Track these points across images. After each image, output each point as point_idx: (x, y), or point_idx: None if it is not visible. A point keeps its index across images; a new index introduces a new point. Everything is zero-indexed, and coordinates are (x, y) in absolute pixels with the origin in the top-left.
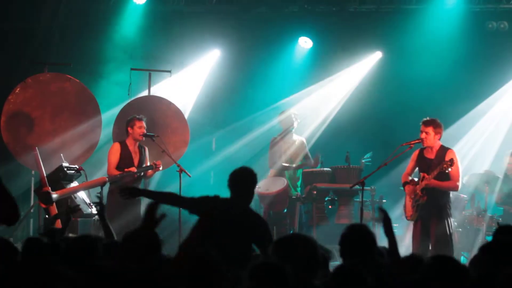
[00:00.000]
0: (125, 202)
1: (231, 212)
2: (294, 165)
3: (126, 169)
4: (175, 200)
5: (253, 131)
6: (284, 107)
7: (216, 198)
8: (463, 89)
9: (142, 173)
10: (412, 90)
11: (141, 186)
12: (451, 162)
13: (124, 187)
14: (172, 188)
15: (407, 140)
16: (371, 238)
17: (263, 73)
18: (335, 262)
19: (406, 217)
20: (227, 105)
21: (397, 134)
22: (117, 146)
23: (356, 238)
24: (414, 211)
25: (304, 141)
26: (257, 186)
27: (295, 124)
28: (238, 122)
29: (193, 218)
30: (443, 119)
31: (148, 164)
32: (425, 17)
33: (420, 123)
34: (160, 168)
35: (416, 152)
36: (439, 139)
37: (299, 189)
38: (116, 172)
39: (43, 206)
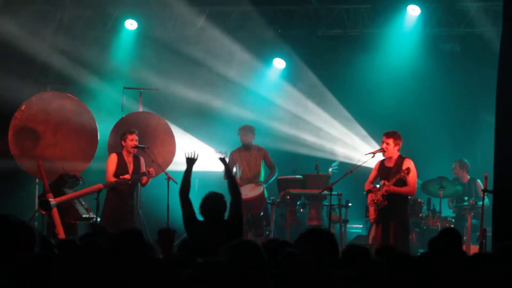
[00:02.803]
0: (121, 208)
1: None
2: (263, 182)
3: (121, 177)
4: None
5: (232, 143)
6: (256, 122)
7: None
8: (422, 104)
9: (135, 180)
10: (375, 107)
11: (135, 192)
12: (408, 170)
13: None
14: (160, 193)
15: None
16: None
17: (240, 91)
18: None
19: (370, 220)
20: (209, 120)
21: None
22: (114, 157)
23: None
24: (376, 214)
25: (264, 148)
26: None
27: (252, 139)
28: (220, 135)
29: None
30: (404, 131)
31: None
32: (386, 40)
33: (382, 135)
34: (153, 175)
35: (378, 163)
36: (398, 150)
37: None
38: (114, 179)
39: (43, 212)
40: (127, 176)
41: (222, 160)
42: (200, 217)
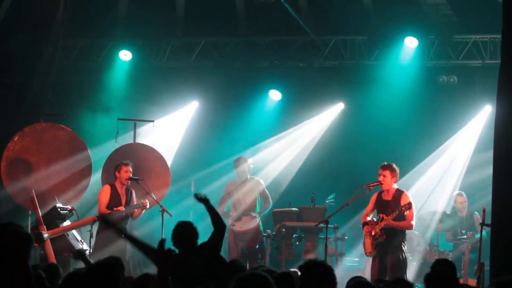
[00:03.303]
0: (113, 238)
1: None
2: (257, 214)
3: (115, 208)
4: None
5: (229, 174)
6: (252, 153)
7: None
8: (418, 138)
9: (129, 213)
10: (372, 137)
11: (127, 224)
12: (409, 205)
13: (113, 223)
14: (155, 225)
15: (367, 183)
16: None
17: (237, 122)
18: None
19: (366, 253)
20: (206, 151)
21: (358, 177)
22: (107, 188)
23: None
24: (373, 248)
25: (260, 181)
26: (231, 224)
27: (248, 170)
28: (215, 166)
29: None
30: (401, 164)
31: (135, 203)
32: (382, 72)
33: (379, 167)
34: (147, 207)
35: (374, 195)
36: (395, 182)
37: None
38: (107, 211)
39: (36, 245)
40: (121, 208)
41: (203, 199)
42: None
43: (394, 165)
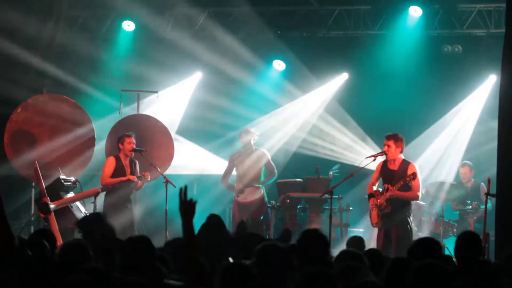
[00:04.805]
0: (120, 210)
1: None
2: (260, 184)
3: (128, 177)
4: None
5: (233, 145)
6: (257, 124)
7: None
8: (423, 107)
9: (132, 184)
10: (377, 108)
11: (132, 195)
12: (414, 175)
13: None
14: (159, 197)
15: (372, 153)
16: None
17: (241, 93)
18: None
19: (372, 224)
20: (209, 122)
21: None
22: (112, 160)
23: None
24: (379, 219)
25: (265, 152)
26: (235, 196)
27: (253, 142)
28: (219, 137)
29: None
30: (405, 133)
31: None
32: (387, 41)
33: (384, 137)
34: (148, 179)
35: (380, 164)
36: (401, 152)
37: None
38: (111, 180)
39: (42, 215)
40: (133, 177)
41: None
42: None
43: (399, 135)
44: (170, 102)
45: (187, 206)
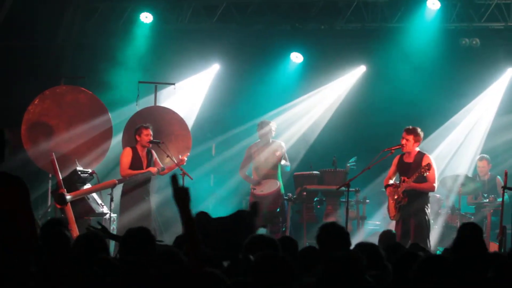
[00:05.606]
0: (137, 201)
1: None
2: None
3: (148, 169)
4: None
5: (250, 137)
6: (274, 116)
7: None
8: (440, 100)
9: (152, 176)
10: (394, 100)
11: (149, 187)
12: (428, 166)
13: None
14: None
15: (389, 146)
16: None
17: (258, 85)
18: None
19: (390, 217)
20: (227, 114)
21: (379, 140)
22: (128, 151)
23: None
24: (397, 212)
25: (282, 144)
26: (252, 188)
27: (271, 135)
28: (236, 129)
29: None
30: (422, 127)
31: (162, 164)
32: (404, 34)
33: (403, 130)
34: (185, 161)
35: (396, 158)
36: (418, 146)
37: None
38: (130, 172)
39: (58, 206)
40: (153, 169)
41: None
42: None
43: (419, 130)
44: (187, 94)
45: (182, 193)
